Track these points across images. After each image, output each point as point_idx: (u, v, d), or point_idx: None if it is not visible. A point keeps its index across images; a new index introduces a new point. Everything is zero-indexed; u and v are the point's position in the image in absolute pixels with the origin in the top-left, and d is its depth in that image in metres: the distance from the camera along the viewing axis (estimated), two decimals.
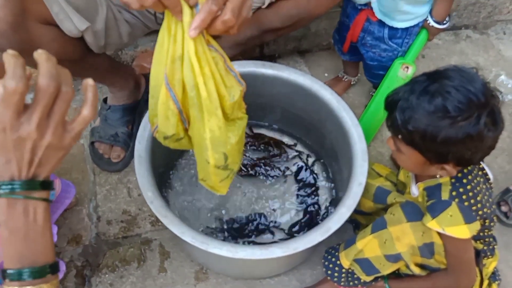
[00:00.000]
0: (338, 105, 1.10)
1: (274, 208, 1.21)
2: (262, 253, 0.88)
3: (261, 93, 1.20)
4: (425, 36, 1.18)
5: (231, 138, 0.80)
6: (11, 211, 0.53)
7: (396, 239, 0.90)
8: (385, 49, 1.20)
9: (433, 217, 0.86)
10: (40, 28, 0.95)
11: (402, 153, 0.84)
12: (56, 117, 0.53)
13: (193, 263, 1.15)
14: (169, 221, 0.90)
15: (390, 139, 0.87)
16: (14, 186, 0.53)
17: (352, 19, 1.19)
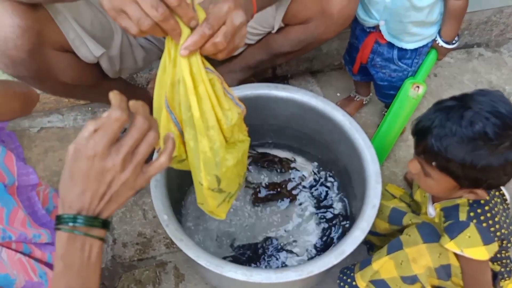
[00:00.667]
0: (351, 127, 1.11)
1: (288, 229, 1.21)
2: (277, 277, 0.88)
3: (275, 115, 1.21)
4: (434, 56, 1.19)
5: (229, 160, 0.80)
6: (70, 246, 0.54)
7: (413, 260, 0.90)
8: (395, 69, 1.21)
9: (451, 238, 0.85)
10: (57, 55, 0.98)
11: (430, 178, 0.83)
12: (139, 156, 0.56)
13: (208, 286, 1.15)
14: (184, 244, 0.90)
15: (415, 164, 0.85)
16: (78, 221, 0.54)
17: (361, 41, 1.21)
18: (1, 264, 0.75)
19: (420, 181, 0.87)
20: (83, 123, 1.41)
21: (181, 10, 0.63)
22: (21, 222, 0.85)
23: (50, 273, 0.84)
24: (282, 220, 1.22)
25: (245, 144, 0.85)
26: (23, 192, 0.91)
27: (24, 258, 0.81)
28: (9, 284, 0.74)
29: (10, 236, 0.79)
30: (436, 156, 0.78)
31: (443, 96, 1.50)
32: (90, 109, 1.43)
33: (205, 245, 1.17)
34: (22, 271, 0.78)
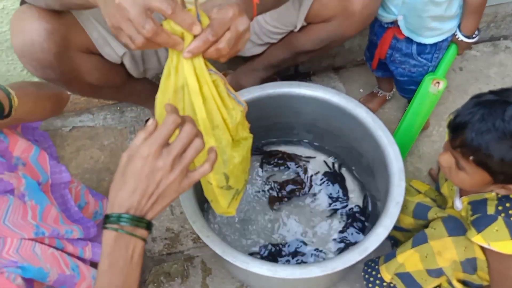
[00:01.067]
0: (374, 124, 1.11)
1: (308, 227, 1.23)
2: (301, 273, 0.90)
3: (297, 113, 1.23)
4: (454, 51, 1.18)
5: (235, 158, 0.82)
6: (116, 245, 0.58)
7: (438, 253, 0.90)
8: (414, 64, 1.20)
9: (479, 231, 0.86)
10: (83, 57, 1.02)
11: (464, 172, 0.83)
12: (186, 160, 0.60)
13: (234, 280, 1.18)
14: (211, 240, 0.94)
15: (448, 157, 0.85)
16: (126, 220, 0.58)
17: (379, 37, 1.20)
18: (35, 258, 0.79)
19: (451, 174, 0.86)
20: (112, 122, 1.46)
21: (178, 18, 0.65)
22: (54, 219, 0.90)
23: (82, 266, 0.88)
24: (301, 217, 1.24)
25: (248, 141, 0.88)
26: (56, 190, 0.96)
27: (57, 252, 0.85)
28: (43, 277, 0.79)
29: (43, 232, 0.84)
30: (474, 151, 0.78)
31: (469, 91, 1.49)
32: (119, 108, 1.48)
33: (230, 241, 1.20)
34: (55, 265, 0.83)
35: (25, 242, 0.80)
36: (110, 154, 1.36)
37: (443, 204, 1.06)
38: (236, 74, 1.42)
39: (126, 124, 1.45)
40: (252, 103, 1.17)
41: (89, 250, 0.92)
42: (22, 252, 0.79)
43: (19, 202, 0.85)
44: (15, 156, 0.91)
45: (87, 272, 0.88)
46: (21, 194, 0.86)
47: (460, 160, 0.82)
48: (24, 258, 0.78)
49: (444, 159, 0.86)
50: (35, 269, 0.78)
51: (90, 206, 1.07)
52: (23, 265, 0.77)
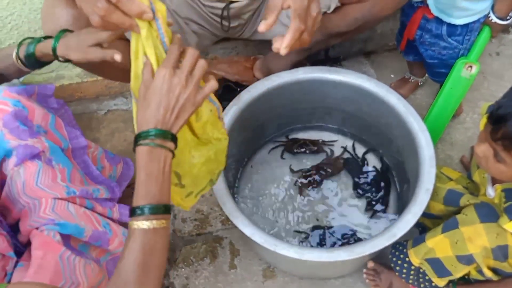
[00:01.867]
0: (405, 110, 1.10)
1: (336, 213, 1.23)
2: (328, 256, 0.92)
3: (327, 98, 1.23)
4: (488, 33, 1.14)
5: (195, 158, 0.81)
6: (150, 158, 0.65)
7: (468, 239, 0.89)
8: (444, 46, 1.17)
9: (511, 218, 0.85)
10: (114, 43, 1.04)
11: (503, 164, 0.82)
12: (196, 77, 0.68)
13: (261, 261, 1.21)
14: (240, 222, 0.96)
15: (486, 148, 0.83)
16: (155, 134, 0.64)
17: (409, 17, 1.18)
18: (70, 216, 0.85)
19: (489, 165, 0.85)
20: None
21: (125, 7, 0.67)
22: (79, 181, 0.95)
23: (112, 224, 0.93)
24: (329, 203, 1.25)
25: (221, 143, 0.86)
26: (77, 155, 1.01)
27: (88, 211, 0.91)
28: (80, 232, 0.85)
29: (74, 191, 0.89)
30: None
31: (505, 77, 1.45)
32: None
33: (257, 222, 1.22)
34: (89, 222, 0.89)
35: (59, 201, 0.85)
36: None
37: (476, 191, 1.04)
38: (266, 58, 1.43)
39: None
40: (282, 88, 1.18)
41: (117, 211, 0.98)
42: (58, 210, 0.84)
43: (47, 166, 0.89)
44: (36, 124, 0.94)
45: (117, 229, 0.93)
46: (48, 159, 0.90)
47: (500, 152, 0.80)
48: (60, 216, 0.83)
49: (481, 150, 0.84)
50: (72, 226, 0.83)
51: (106, 170, 1.11)
52: (60, 222, 0.82)
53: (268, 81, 1.19)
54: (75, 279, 0.79)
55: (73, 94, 1.48)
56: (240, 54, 1.48)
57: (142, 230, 0.63)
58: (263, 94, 1.17)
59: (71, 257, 0.81)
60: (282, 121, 1.32)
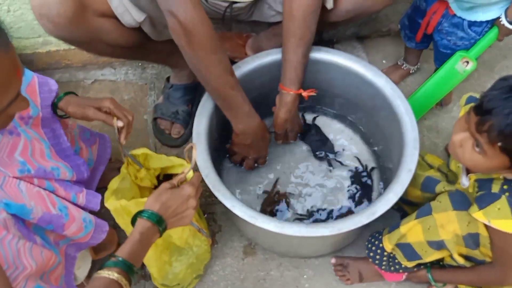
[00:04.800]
0: (393, 93, 1.10)
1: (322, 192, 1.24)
2: (308, 231, 0.92)
3: (316, 79, 1.22)
4: (494, 35, 1.13)
5: (177, 267, 1.06)
6: (146, 232, 0.77)
7: (441, 226, 0.91)
8: (462, 37, 1.15)
9: (480, 208, 0.85)
10: (99, 21, 1.03)
11: (481, 155, 0.81)
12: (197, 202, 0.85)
13: (243, 238, 1.21)
14: (221, 194, 0.96)
15: (466, 138, 0.82)
16: (155, 216, 0.78)
17: (430, 4, 1.15)
18: (19, 195, 0.79)
19: (465, 155, 0.84)
20: (133, 78, 1.48)
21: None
22: (41, 154, 0.88)
23: (72, 208, 0.88)
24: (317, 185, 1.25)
25: (202, 247, 1.07)
26: (46, 124, 0.94)
27: (44, 192, 0.84)
28: (26, 213, 0.79)
29: (28, 170, 0.83)
30: (505, 138, 0.76)
31: (495, 68, 1.45)
32: (140, 64, 1.49)
33: (242, 198, 1.22)
34: (40, 203, 0.82)
35: (10, 178, 0.80)
36: (130, 109, 1.39)
37: (455, 180, 1.05)
38: (258, 37, 1.42)
39: (146, 80, 1.47)
40: (271, 66, 1.17)
41: (83, 196, 0.92)
42: (6, 188, 0.78)
43: (7, 138, 0.83)
44: None
45: (77, 213, 0.88)
46: (9, 130, 0.84)
47: (484, 144, 0.79)
48: (7, 194, 0.77)
49: (460, 139, 0.83)
50: (17, 205, 0.78)
51: (83, 151, 1.07)
52: (6, 200, 0.77)
53: (259, 57, 1.18)
54: (20, 263, 0.74)
55: (60, 61, 1.46)
56: (233, 31, 1.47)
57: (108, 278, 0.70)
58: (253, 70, 1.17)
59: (13, 241, 0.75)
60: (271, 100, 1.31)
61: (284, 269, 1.17)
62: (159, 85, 1.44)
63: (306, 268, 1.17)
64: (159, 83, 1.45)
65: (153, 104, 1.40)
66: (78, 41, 1.05)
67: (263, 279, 1.16)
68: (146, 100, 1.43)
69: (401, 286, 1.13)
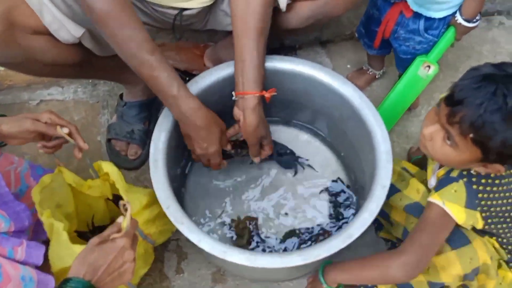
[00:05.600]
0: (361, 102, 1.05)
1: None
2: (282, 262, 0.85)
3: (280, 89, 1.15)
4: (452, 35, 1.10)
5: None
6: None
7: (441, 268, 0.84)
8: (420, 41, 1.13)
9: (437, 190, 0.82)
10: (33, 40, 0.92)
11: (453, 148, 0.76)
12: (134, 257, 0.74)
13: (211, 265, 1.13)
14: (186, 228, 0.88)
15: (437, 130, 0.78)
16: (81, 285, 0.66)
17: (383, 12, 1.12)
18: None
19: (435, 148, 0.79)
20: (84, 96, 1.37)
21: None
22: None
23: (7, 266, 0.76)
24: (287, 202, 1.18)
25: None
26: None
27: None
28: None
29: None
30: (477, 130, 0.71)
31: (460, 69, 1.43)
32: (91, 81, 1.38)
33: (207, 225, 1.14)
34: None
35: None
36: (81, 130, 1.26)
37: None
38: (217, 47, 1.34)
39: (98, 98, 1.36)
40: (232, 78, 1.09)
41: (22, 250, 0.81)
42: None
43: None
44: None
45: (13, 272, 0.76)
46: None
47: (455, 136, 0.75)
48: None
49: (430, 132, 0.78)
50: None
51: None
52: None
53: (218, 70, 1.10)
54: None
55: (1, 82, 1.33)
56: (189, 40, 1.38)
57: None
58: (212, 84, 1.09)
59: None
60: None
61: None
62: (112, 103, 1.34)
63: None
64: (112, 101, 1.35)
65: (106, 124, 1.30)
66: (11, 63, 0.94)
67: None
68: (99, 120, 1.33)
69: None
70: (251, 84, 0.98)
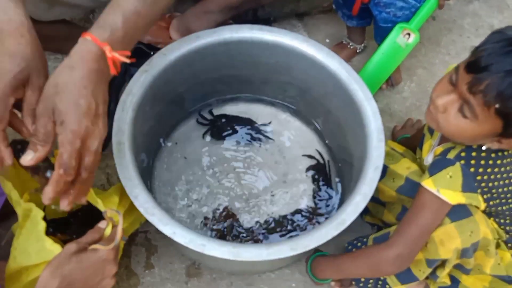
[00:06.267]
0: (348, 76, 0.96)
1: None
2: (268, 253, 0.75)
3: (257, 63, 1.04)
4: (435, 2, 1.05)
5: None
6: None
7: (440, 243, 0.78)
8: (401, 7, 1.05)
9: (431, 174, 0.76)
10: None
11: (469, 120, 0.69)
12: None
13: (184, 257, 1.02)
14: (157, 219, 0.76)
15: (452, 101, 0.70)
16: None
17: None
18: None
19: (449, 122, 0.72)
20: None
21: None
22: None
23: None
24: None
25: None
26: None
27: None
28: None
29: None
30: (504, 100, 0.65)
31: (441, 43, 1.37)
32: None
33: (179, 215, 1.03)
34: None
35: None
36: None
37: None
38: (185, 17, 1.20)
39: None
40: (204, 51, 0.97)
41: None
42: None
43: None
44: None
45: None
46: None
47: (476, 107, 0.67)
48: None
49: (444, 103, 0.71)
50: None
51: None
52: None
53: (187, 42, 0.97)
54: None
55: None
56: None
57: None
58: (181, 57, 0.96)
59: None
60: (206, 91, 1.12)
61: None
62: None
63: (262, 284, 1.01)
64: None
65: None
66: None
67: None
68: None
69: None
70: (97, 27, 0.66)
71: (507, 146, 0.72)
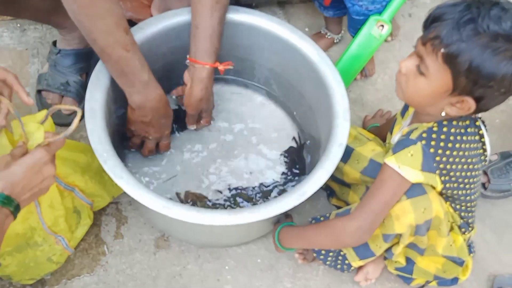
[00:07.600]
0: (320, 59, 1.00)
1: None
2: (230, 218, 0.78)
3: (232, 45, 1.07)
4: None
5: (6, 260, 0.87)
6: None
7: (396, 218, 0.81)
8: (373, 1, 1.09)
9: (394, 152, 0.80)
10: None
11: (423, 78, 0.74)
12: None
13: (153, 230, 1.04)
14: (125, 182, 0.78)
15: (411, 61, 0.76)
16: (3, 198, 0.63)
17: None
18: None
19: (408, 83, 0.77)
20: (10, 42, 1.21)
21: None
22: None
23: None
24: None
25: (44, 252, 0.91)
26: None
27: None
28: None
29: None
30: (449, 43, 0.69)
31: (416, 38, 1.41)
32: (19, 25, 1.23)
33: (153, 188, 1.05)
34: None
35: None
36: None
37: None
38: None
39: (27, 45, 1.21)
40: (180, 29, 1.00)
41: None
42: None
43: None
44: None
45: None
46: None
47: (426, 58, 0.73)
48: None
49: (406, 64, 0.77)
50: None
51: None
52: None
53: (165, 18, 1.00)
54: None
55: None
56: None
57: None
58: (158, 33, 0.99)
59: None
60: (179, 72, 1.14)
61: (204, 261, 1.02)
62: (43, 52, 1.19)
63: (228, 259, 1.04)
64: (44, 49, 1.20)
65: (36, 75, 1.15)
66: None
67: (179, 274, 1.01)
68: (28, 70, 1.18)
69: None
70: (202, 54, 0.93)
71: (464, 109, 0.75)
